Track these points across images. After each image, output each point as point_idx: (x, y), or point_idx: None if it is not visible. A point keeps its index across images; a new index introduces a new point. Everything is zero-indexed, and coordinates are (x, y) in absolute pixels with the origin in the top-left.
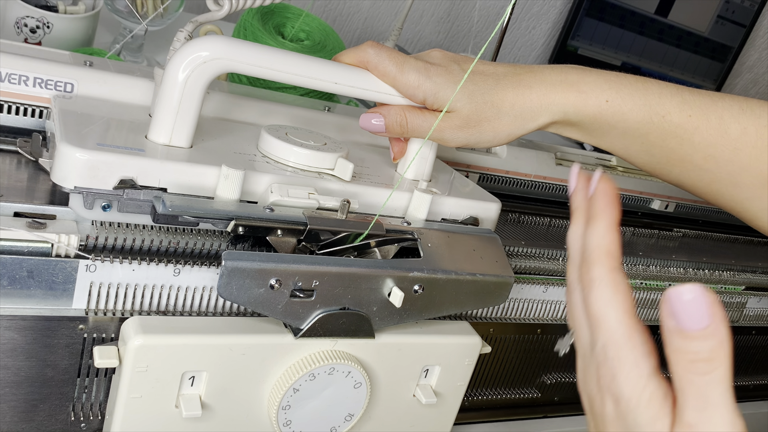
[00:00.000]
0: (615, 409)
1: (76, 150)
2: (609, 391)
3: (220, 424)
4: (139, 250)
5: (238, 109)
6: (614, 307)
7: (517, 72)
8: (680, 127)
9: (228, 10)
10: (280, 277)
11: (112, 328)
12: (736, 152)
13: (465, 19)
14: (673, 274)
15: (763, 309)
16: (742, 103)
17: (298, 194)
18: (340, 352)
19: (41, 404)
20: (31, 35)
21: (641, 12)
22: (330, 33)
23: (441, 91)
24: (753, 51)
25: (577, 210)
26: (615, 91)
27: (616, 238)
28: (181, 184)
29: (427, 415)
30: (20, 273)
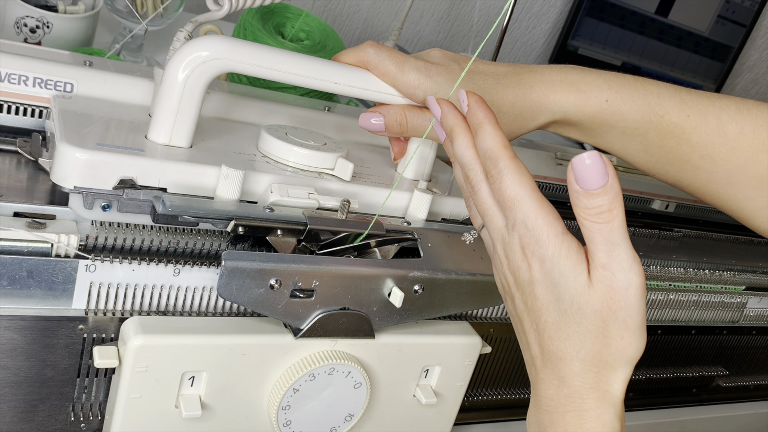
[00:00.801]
0: (541, 269)
1: (75, 150)
2: (534, 256)
3: (220, 425)
4: (139, 250)
5: (238, 109)
6: (524, 186)
7: (517, 72)
8: (678, 127)
9: (228, 10)
10: (280, 277)
11: (112, 328)
12: (733, 152)
13: (465, 19)
14: (674, 274)
15: (763, 309)
16: (740, 104)
17: (298, 194)
18: (340, 352)
19: (41, 404)
20: (30, 35)
21: (641, 12)
22: (330, 33)
23: (441, 91)
24: (753, 51)
25: (454, 127)
26: (614, 91)
27: (503, 134)
28: (180, 184)
29: (427, 415)
30: (20, 273)
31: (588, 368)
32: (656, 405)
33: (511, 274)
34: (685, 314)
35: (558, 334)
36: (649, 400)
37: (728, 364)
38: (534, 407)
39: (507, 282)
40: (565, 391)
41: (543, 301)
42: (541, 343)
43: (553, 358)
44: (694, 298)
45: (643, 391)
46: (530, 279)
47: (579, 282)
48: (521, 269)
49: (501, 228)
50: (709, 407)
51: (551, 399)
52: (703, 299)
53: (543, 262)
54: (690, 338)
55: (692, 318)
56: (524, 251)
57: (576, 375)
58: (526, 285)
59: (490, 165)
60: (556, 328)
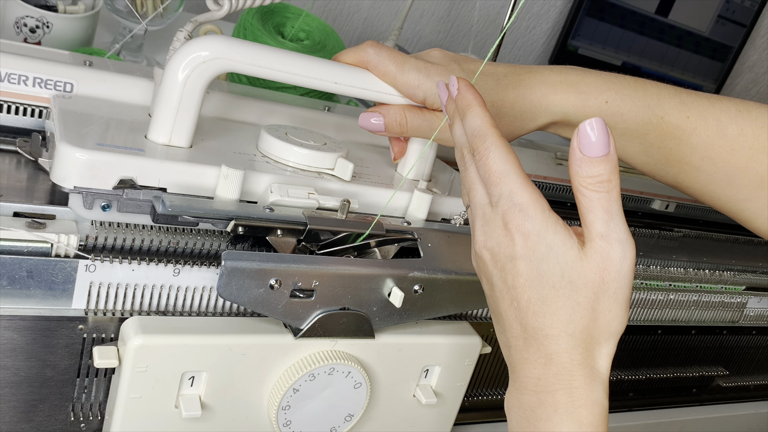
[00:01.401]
0: (525, 243)
1: (75, 150)
2: (519, 230)
3: (219, 425)
4: (138, 250)
5: (238, 109)
6: (510, 163)
7: (517, 72)
8: (678, 128)
9: (228, 9)
10: (280, 277)
11: (112, 328)
12: (733, 153)
13: (465, 19)
14: (674, 274)
15: (763, 309)
16: (740, 105)
17: (298, 194)
18: (340, 352)
19: (41, 404)
20: (30, 35)
21: (641, 12)
22: (330, 33)
23: None
24: (753, 51)
25: (454, 113)
26: (614, 92)
27: (491, 116)
28: (180, 184)
29: (427, 415)
30: (20, 273)
31: (576, 344)
32: (656, 405)
33: (489, 251)
34: (685, 314)
35: (544, 310)
36: (649, 400)
37: (728, 364)
38: (516, 390)
39: (484, 260)
40: (553, 369)
41: (527, 276)
42: (523, 322)
43: (538, 335)
44: (694, 298)
45: (643, 391)
46: (512, 254)
47: (570, 255)
48: (502, 245)
49: (483, 204)
50: (709, 407)
51: (538, 379)
52: (703, 299)
53: (528, 237)
54: (690, 338)
55: (692, 318)
56: (507, 226)
57: (564, 351)
58: (507, 261)
59: (478, 142)
60: (541, 303)
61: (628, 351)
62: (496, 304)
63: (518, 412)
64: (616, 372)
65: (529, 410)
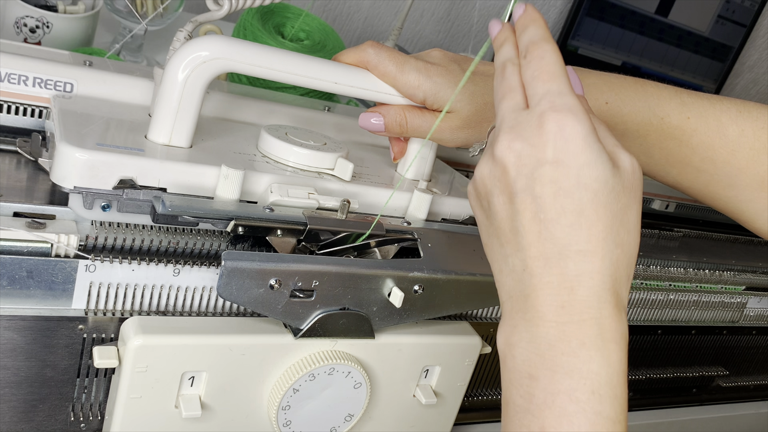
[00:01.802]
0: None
1: (75, 150)
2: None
3: (219, 425)
4: (138, 250)
5: (238, 109)
6: (564, 68)
7: None
8: (679, 129)
9: (228, 9)
10: (280, 277)
11: (112, 328)
12: (733, 154)
13: (465, 19)
14: (674, 274)
15: (763, 309)
16: (740, 106)
17: (298, 194)
18: (339, 352)
19: (41, 404)
20: (30, 35)
21: (641, 12)
22: (330, 33)
23: (441, 91)
24: (753, 51)
25: (505, 39)
26: (615, 93)
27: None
28: (180, 184)
29: (427, 415)
30: (20, 273)
31: (611, 264)
32: (656, 405)
33: (515, 153)
34: (685, 314)
35: (581, 221)
36: (649, 400)
37: (728, 364)
38: (526, 323)
39: (504, 165)
40: (582, 294)
41: (562, 183)
42: (551, 237)
43: (570, 251)
44: (694, 298)
45: (643, 391)
46: (546, 158)
47: (609, 165)
48: (536, 146)
49: (518, 108)
50: (709, 407)
51: (561, 307)
52: (703, 299)
53: (571, 141)
54: (690, 338)
55: (692, 318)
56: (544, 126)
57: (597, 272)
58: (539, 166)
59: (536, 46)
60: (578, 214)
61: (628, 351)
62: (513, 219)
63: (528, 348)
64: None
65: (545, 345)
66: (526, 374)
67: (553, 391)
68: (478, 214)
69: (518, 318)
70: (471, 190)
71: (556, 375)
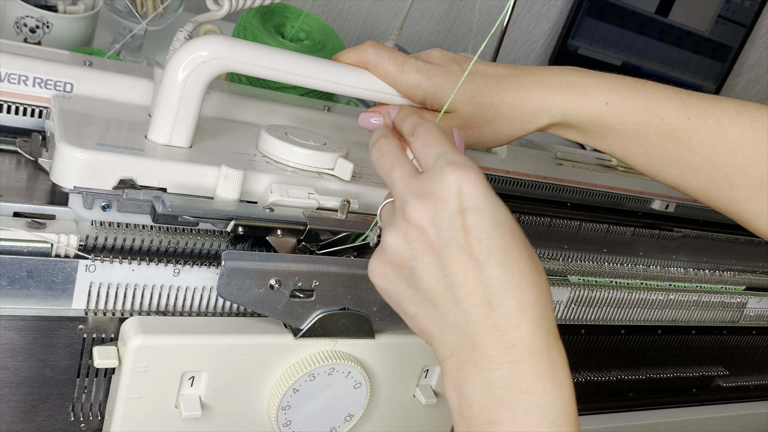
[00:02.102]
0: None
1: (75, 150)
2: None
3: (220, 425)
4: (138, 250)
5: (238, 109)
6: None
7: (518, 73)
8: (678, 130)
9: (228, 9)
10: (280, 277)
11: (112, 328)
12: (733, 155)
13: (465, 19)
14: (674, 274)
15: (763, 309)
16: (740, 106)
17: (298, 194)
18: (339, 352)
19: (41, 404)
20: (30, 35)
21: (641, 12)
22: (330, 33)
23: (441, 92)
24: (753, 51)
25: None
26: (614, 93)
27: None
28: (180, 184)
29: (427, 415)
30: (20, 273)
31: (541, 292)
32: (656, 405)
33: (430, 211)
34: (685, 314)
35: (508, 258)
36: (649, 400)
37: (728, 364)
38: (478, 371)
39: (421, 227)
40: (527, 328)
41: (483, 228)
42: (487, 280)
43: (508, 289)
44: (694, 298)
45: (643, 391)
46: (462, 207)
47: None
48: (448, 201)
49: (410, 174)
50: (709, 407)
51: (511, 345)
52: (703, 299)
53: (478, 187)
54: (690, 338)
55: (692, 318)
56: (446, 182)
57: (535, 303)
58: (456, 216)
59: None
60: (503, 252)
61: (628, 351)
62: (445, 274)
63: (485, 394)
64: (616, 372)
65: (502, 387)
66: (486, 420)
67: (516, 431)
68: (395, 287)
69: (468, 368)
70: (379, 268)
71: (516, 415)
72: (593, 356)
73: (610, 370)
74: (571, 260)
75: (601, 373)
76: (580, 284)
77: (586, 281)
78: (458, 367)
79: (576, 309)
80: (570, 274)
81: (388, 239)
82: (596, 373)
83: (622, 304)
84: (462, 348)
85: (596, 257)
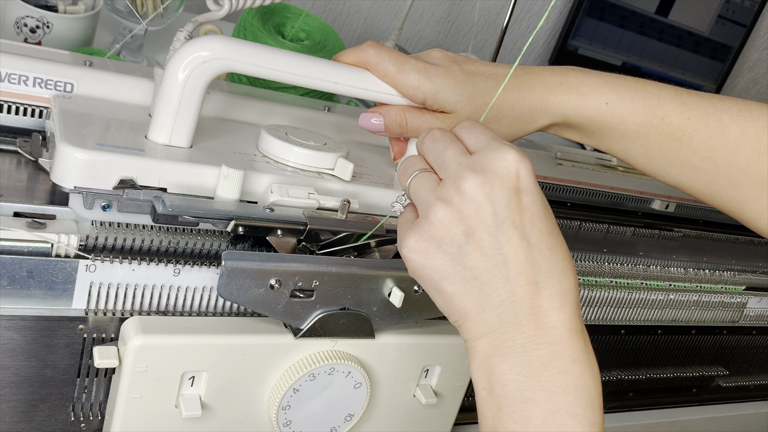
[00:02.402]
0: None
1: (76, 150)
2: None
3: (220, 424)
4: (138, 250)
5: (238, 109)
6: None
7: (518, 74)
8: (679, 129)
9: (228, 9)
10: (280, 277)
11: (112, 328)
12: (734, 154)
13: (465, 19)
14: (674, 274)
15: (763, 309)
16: (741, 106)
17: (298, 194)
18: (340, 352)
19: (41, 404)
20: (30, 35)
21: (641, 12)
22: (330, 33)
23: (441, 92)
24: (753, 51)
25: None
26: (615, 93)
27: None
28: (181, 184)
29: (427, 415)
30: (20, 273)
31: (576, 280)
32: (656, 405)
33: (485, 188)
34: (685, 314)
35: (555, 242)
36: (649, 400)
37: (728, 364)
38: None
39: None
40: (568, 310)
41: (535, 209)
42: (536, 261)
43: (554, 272)
44: (694, 298)
45: (643, 391)
46: (518, 187)
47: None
48: (506, 179)
49: (463, 153)
50: (709, 407)
51: (552, 327)
52: (703, 299)
53: (531, 170)
54: (690, 338)
55: (692, 318)
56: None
57: (575, 287)
58: (513, 194)
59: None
60: (551, 235)
61: (628, 351)
62: (497, 252)
63: (522, 373)
64: (617, 372)
65: (540, 366)
66: (520, 398)
67: (553, 410)
68: (436, 263)
69: (507, 347)
70: (419, 244)
71: (553, 394)
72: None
73: (610, 370)
74: None
75: (601, 373)
76: (580, 284)
77: (586, 281)
78: (494, 345)
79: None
80: None
81: (437, 213)
82: None
83: (622, 304)
84: (501, 327)
85: (596, 257)
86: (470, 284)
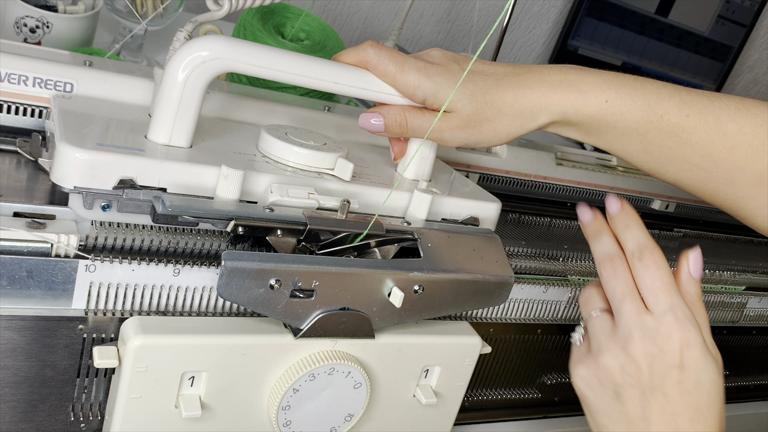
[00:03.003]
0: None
1: (75, 150)
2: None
3: (220, 425)
4: (138, 250)
5: (238, 109)
6: (673, 277)
7: (517, 72)
8: (678, 127)
9: (228, 9)
10: (280, 277)
11: (112, 328)
12: (732, 151)
13: (465, 19)
14: None
15: (763, 309)
16: (739, 103)
17: (298, 194)
18: (340, 352)
19: (41, 404)
20: (30, 35)
21: (641, 12)
22: (330, 33)
23: (441, 91)
24: (753, 51)
25: (602, 228)
26: (614, 91)
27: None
28: (180, 184)
29: (427, 415)
30: (20, 273)
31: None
32: None
33: (648, 357)
34: None
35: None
36: None
37: (728, 364)
38: None
39: (638, 366)
40: None
41: (685, 385)
42: (671, 429)
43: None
44: None
45: None
46: (674, 362)
47: (715, 368)
48: (667, 352)
49: (640, 312)
50: None
51: None
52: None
53: (692, 348)
54: None
55: None
56: (671, 336)
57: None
58: (669, 369)
59: (648, 252)
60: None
61: None
62: (644, 409)
63: None
64: None
65: None
66: None
67: None
68: (598, 399)
69: None
70: (587, 377)
71: None
72: None
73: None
74: (571, 260)
75: None
76: (580, 284)
77: (586, 281)
78: None
79: (576, 309)
80: (570, 274)
81: (605, 359)
82: None
83: None
84: None
85: None
86: (619, 425)
